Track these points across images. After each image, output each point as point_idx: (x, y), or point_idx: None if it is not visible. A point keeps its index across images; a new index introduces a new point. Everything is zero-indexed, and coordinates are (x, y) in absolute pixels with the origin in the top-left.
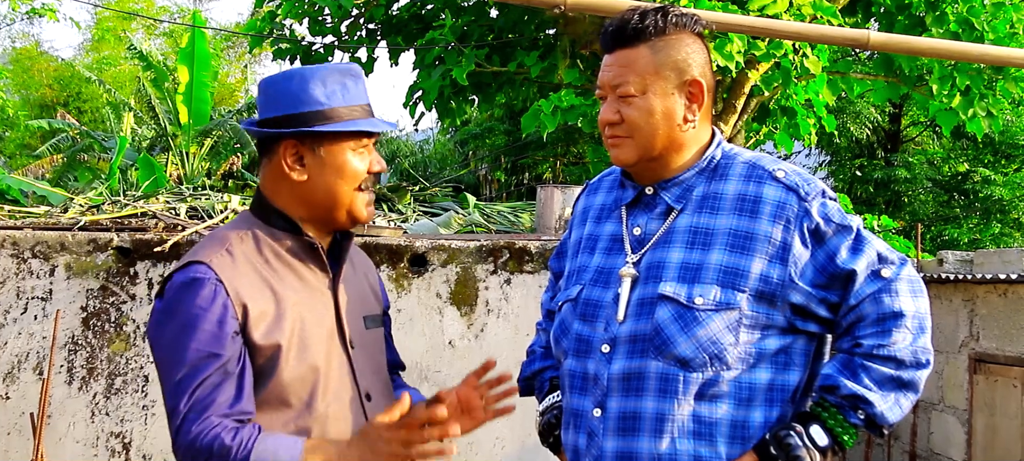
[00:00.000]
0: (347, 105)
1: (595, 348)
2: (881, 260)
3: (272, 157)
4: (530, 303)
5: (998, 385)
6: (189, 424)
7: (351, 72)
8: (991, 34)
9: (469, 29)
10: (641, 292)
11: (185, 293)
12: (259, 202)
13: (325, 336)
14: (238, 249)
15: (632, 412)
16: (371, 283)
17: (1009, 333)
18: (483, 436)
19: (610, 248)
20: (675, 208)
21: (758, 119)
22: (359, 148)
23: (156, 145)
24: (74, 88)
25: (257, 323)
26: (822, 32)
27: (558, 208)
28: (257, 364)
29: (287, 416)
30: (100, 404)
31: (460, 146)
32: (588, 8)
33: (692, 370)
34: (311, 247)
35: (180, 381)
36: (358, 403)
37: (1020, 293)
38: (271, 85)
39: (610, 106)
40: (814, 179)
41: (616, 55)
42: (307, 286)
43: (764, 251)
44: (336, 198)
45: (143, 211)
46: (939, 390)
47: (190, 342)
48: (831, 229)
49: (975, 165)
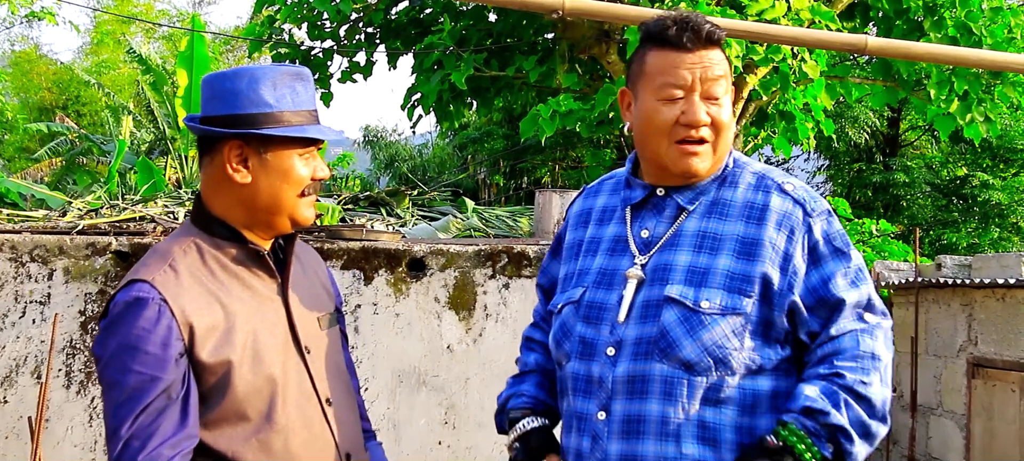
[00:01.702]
0: (296, 109)
1: (600, 351)
2: (870, 305)
3: (214, 157)
4: (528, 307)
5: (996, 390)
6: (132, 452)
7: (301, 76)
8: (989, 39)
9: (468, 33)
10: (647, 294)
11: (128, 313)
12: (198, 210)
13: (279, 345)
14: (182, 264)
15: (637, 415)
16: (322, 281)
17: (1007, 338)
18: (482, 440)
19: (613, 250)
20: (686, 209)
21: (756, 123)
22: (305, 154)
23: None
24: (73, 91)
25: (205, 341)
26: (820, 37)
27: (556, 212)
28: (209, 382)
29: (247, 430)
30: (98, 408)
31: (459, 150)
32: (587, 13)
33: (697, 374)
34: (256, 254)
35: (121, 404)
36: (319, 410)
37: (1018, 298)
38: (218, 81)
39: (700, 106)
40: (821, 198)
41: (699, 54)
42: (256, 295)
43: (768, 258)
44: (279, 203)
45: (141, 215)
46: (937, 395)
47: (133, 365)
48: (829, 251)
49: (974, 169)
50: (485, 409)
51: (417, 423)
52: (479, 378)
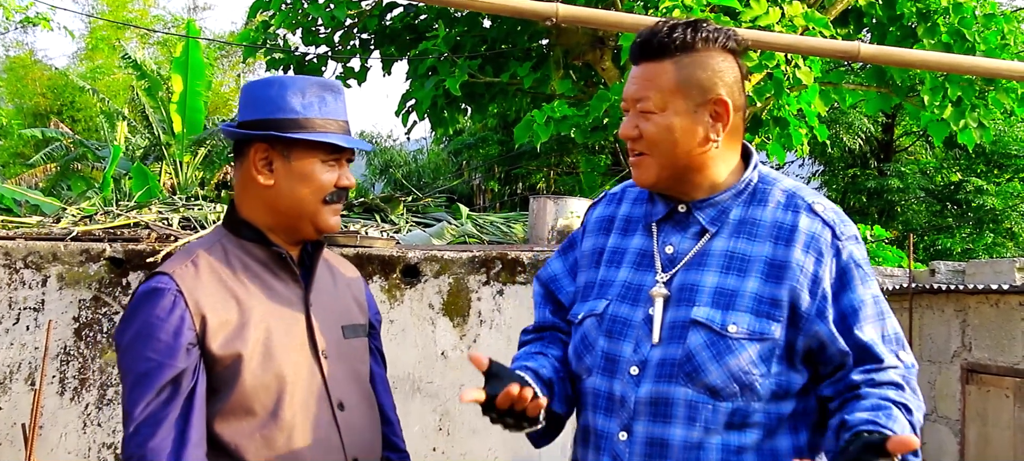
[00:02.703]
0: (323, 117)
1: (623, 369)
2: (899, 340)
3: (243, 161)
4: (523, 314)
5: (990, 395)
6: (141, 438)
7: (332, 87)
8: (982, 45)
9: (462, 40)
10: (673, 314)
11: (145, 302)
12: (230, 214)
13: (294, 346)
14: (204, 261)
15: (660, 439)
16: (355, 294)
17: (1001, 343)
18: (476, 446)
19: (639, 263)
20: (710, 230)
21: (751, 129)
22: (329, 160)
23: (150, 154)
24: (68, 97)
25: (216, 333)
26: (813, 44)
27: (551, 219)
28: (217, 372)
29: (252, 424)
30: (92, 415)
31: (453, 156)
32: (581, 20)
33: (722, 399)
34: (280, 257)
35: (133, 388)
36: (329, 412)
37: (1012, 304)
38: (252, 88)
39: (630, 120)
40: (850, 221)
41: (641, 68)
42: (276, 296)
43: (797, 280)
44: (300, 207)
45: (136, 221)
46: (932, 400)
47: (146, 350)
48: (859, 275)
49: (968, 175)
50: (480, 416)
51: (411, 430)
52: (473, 384)
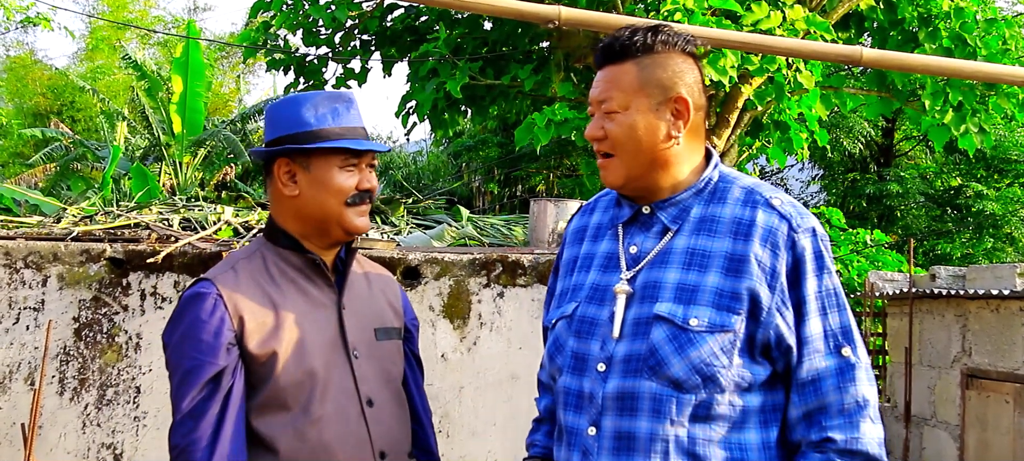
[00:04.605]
0: (338, 126)
1: (591, 366)
2: (846, 333)
3: (271, 177)
4: (523, 316)
5: (990, 400)
6: (186, 428)
7: (343, 98)
8: (983, 50)
9: (463, 41)
10: (637, 311)
11: (190, 306)
12: (269, 225)
13: (326, 345)
14: (244, 268)
15: (627, 432)
16: (390, 299)
17: (1001, 348)
18: (475, 449)
19: (606, 266)
20: (672, 229)
21: (751, 133)
22: (347, 165)
23: (150, 155)
24: (68, 97)
25: (254, 333)
26: (815, 49)
27: (551, 221)
28: (254, 370)
29: (285, 418)
30: (92, 415)
31: (453, 158)
32: (582, 23)
33: (686, 391)
34: (314, 263)
35: (179, 385)
36: (358, 408)
37: (1012, 309)
38: (271, 111)
39: (595, 122)
40: (810, 215)
41: (604, 71)
42: (310, 300)
43: (755, 274)
44: (326, 212)
45: (136, 222)
46: (931, 405)
47: (189, 349)
48: (810, 270)
49: (968, 180)
50: (479, 418)
51: None
52: (473, 387)
